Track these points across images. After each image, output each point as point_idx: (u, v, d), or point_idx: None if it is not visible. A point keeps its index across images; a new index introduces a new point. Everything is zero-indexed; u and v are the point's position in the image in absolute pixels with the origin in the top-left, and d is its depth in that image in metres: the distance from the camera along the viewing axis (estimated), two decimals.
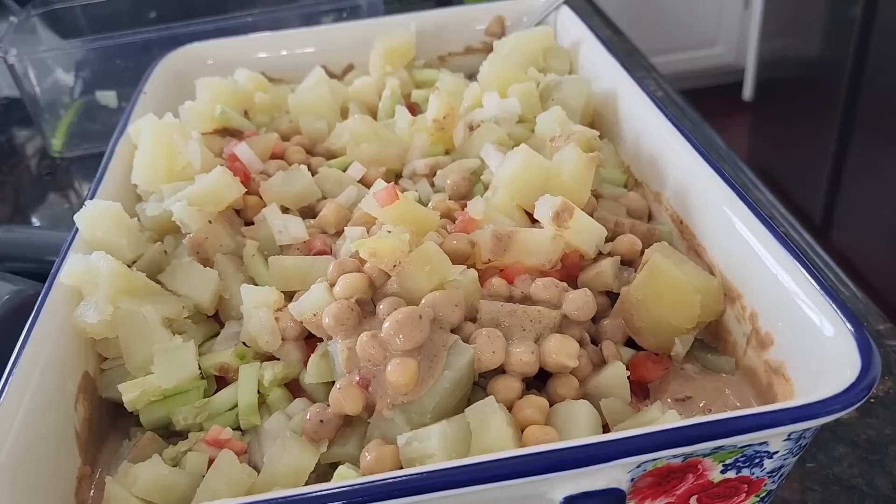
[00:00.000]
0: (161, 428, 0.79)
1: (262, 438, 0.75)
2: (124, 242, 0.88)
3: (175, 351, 0.78)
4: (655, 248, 0.83)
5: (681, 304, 0.78)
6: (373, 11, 1.62)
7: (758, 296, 0.75)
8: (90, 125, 1.66)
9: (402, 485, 0.55)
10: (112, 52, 1.59)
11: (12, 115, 1.87)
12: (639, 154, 1.02)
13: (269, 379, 0.79)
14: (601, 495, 0.58)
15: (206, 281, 0.85)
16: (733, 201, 0.80)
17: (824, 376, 0.62)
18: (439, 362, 0.71)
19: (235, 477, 0.69)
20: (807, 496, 0.82)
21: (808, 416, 0.56)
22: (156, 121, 0.99)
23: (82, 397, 0.77)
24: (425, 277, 0.76)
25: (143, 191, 1.00)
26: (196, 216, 0.89)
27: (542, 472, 0.55)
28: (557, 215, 0.80)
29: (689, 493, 0.63)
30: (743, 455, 0.60)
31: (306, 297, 0.78)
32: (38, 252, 1.16)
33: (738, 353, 0.79)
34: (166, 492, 0.69)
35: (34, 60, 1.55)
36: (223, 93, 1.13)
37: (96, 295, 0.80)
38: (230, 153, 1.00)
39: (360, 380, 0.72)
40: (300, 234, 0.89)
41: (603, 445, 0.56)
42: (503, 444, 0.64)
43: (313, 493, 0.55)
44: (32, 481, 0.66)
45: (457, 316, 0.73)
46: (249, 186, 0.96)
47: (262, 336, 0.80)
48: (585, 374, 0.76)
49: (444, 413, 0.70)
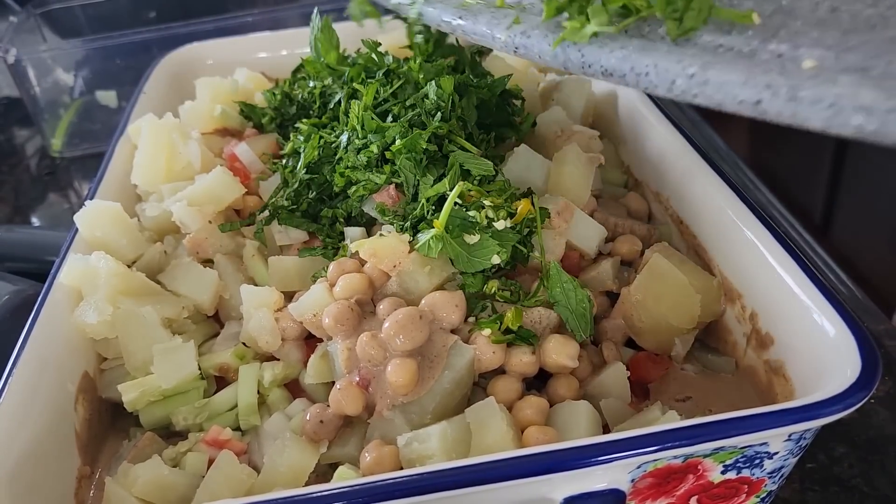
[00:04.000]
0: (161, 428, 0.79)
1: (262, 439, 0.76)
2: (124, 242, 0.88)
3: (175, 351, 0.78)
4: (655, 248, 0.83)
5: (681, 304, 0.78)
6: None
7: (758, 296, 0.75)
8: (90, 125, 1.66)
9: (402, 485, 0.55)
10: (112, 52, 1.59)
11: (12, 115, 1.87)
12: (639, 154, 1.02)
13: (269, 379, 0.79)
14: (601, 496, 0.58)
15: (205, 281, 0.85)
16: (733, 201, 0.80)
17: (824, 376, 0.62)
18: (439, 363, 0.71)
19: (235, 477, 0.69)
20: (807, 496, 0.82)
21: (809, 417, 0.56)
22: (156, 121, 0.99)
23: (82, 398, 0.77)
24: (425, 277, 0.76)
25: (143, 191, 1.00)
26: (196, 216, 0.89)
27: (543, 473, 0.55)
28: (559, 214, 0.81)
29: (690, 494, 0.63)
30: (743, 456, 0.60)
31: (306, 297, 0.78)
32: (38, 252, 1.16)
33: (738, 353, 0.79)
34: (166, 492, 0.69)
35: (34, 60, 1.55)
36: (223, 93, 1.13)
37: (96, 295, 0.80)
38: (230, 153, 1.00)
39: (360, 380, 0.72)
40: (300, 233, 0.89)
41: (603, 446, 0.56)
42: (503, 445, 0.64)
43: (313, 494, 0.55)
44: (32, 481, 0.66)
45: (457, 316, 0.73)
46: (249, 186, 0.96)
47: (262, 336, 0.80)
48: (585, 374, 0.76)
49: (444, 413, 0.70)
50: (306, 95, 1.03)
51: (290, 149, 0.94)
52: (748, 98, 0.52)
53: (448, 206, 0.75)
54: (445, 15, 0.78)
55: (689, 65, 0.56)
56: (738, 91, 0.52)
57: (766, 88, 0.51)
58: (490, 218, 0.76)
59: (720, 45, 0.58)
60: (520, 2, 0.75)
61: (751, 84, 0.52)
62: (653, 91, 0.59)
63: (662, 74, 0.57)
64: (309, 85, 1.04)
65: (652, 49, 0.59)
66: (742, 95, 0.52)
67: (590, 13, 0.63)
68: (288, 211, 0.89)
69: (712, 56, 0.56)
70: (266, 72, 1.27)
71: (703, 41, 0.59)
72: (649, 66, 0.58)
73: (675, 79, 0.56)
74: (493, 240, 0.75)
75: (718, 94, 0.54)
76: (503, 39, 0.70)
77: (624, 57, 0.60)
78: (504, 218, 0.76)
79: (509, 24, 0.71)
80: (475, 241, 0.75)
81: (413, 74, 0.90)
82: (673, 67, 0.56)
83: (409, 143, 0.80)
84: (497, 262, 0.75)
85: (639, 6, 0.62)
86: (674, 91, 0.57)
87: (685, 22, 0.60)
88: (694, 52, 0.57)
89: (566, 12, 0.66)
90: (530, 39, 0.68)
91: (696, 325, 0.79)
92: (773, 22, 0.59)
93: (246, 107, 1.10)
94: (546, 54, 0.66)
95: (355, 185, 0.84)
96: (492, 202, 0.77)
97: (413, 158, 0.80)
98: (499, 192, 0.79)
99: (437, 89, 0.85)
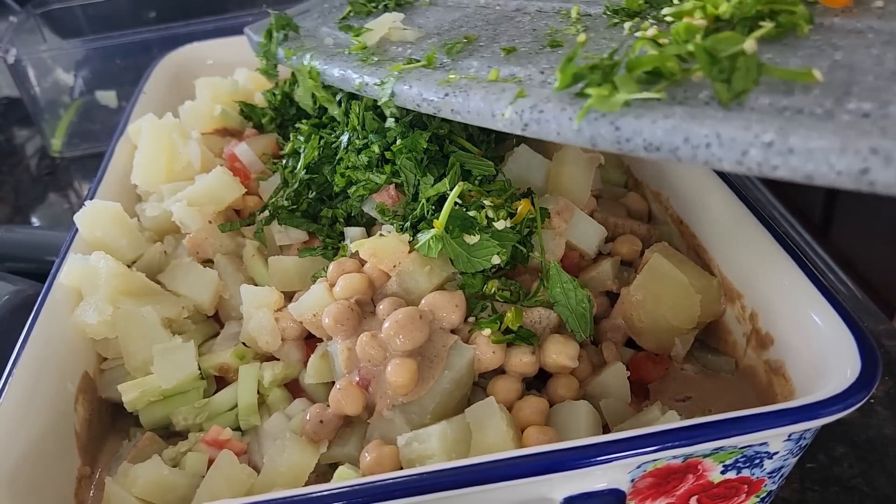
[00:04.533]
0: (161, 428, 0.79)
1: (262, 439, 0.76)
2: (124, 242, 0.88)
3: (175, 351, 0.78)
4: (655, 248, 0.83)
5: (681, 304, 0.78)
6: None
7: (758, 296, 0.75)
8: (90, 125, 1.66)
9: (402, 485, 0.55)
10: (112, 52, 1.59)
11: (12, 115, 1.87)
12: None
13: (269, 379, 0.79)
14: (601, 496, 0.58)
15: (205, 281, 0.85)
16: (733, 201, 0.80)
17: (824, 376, 0.62)
18: (439, 363, 0.71)
19: (235, 477, 0.69)
20: (807, 496, 0.82)
21: (809, 417, 0.56)
22: (156, 121, 0.99)
23: (82, 398, 0.77)
24: (425, 277, 0.76)
25: (143, 191, 1.00)
26: (196, 216, 0.89)
27: (543, 473, 0.55)
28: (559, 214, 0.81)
29: (690, 494, 0.63)
30: (743, 455, 0.60)
31: (306, 297, 0.78)
32: (38, 252, 1.16)
33: (738, 353, 0.79)
34: (166, 492, 0.69)
35: (34, 60, 1.55)
36: (223, 93, 1.13)
37: (96, 295, 0.80)
38: (230, 153, 1.00)
39: (360, 380, 0.72)
40: (300, 233, 0.89)
41: (603, 446, 0.56)
42: (503, 445, 0.64)
43: (313, 494, 0.55)
44: (32, 481, 0.66)
45: (457, 316, 0.73)
46: (249, 186, 0.96)
47: (262, 336, 0.80)
48: (585, 374, 0.76)
49: (444, 413, 0.70)
50: None
51: (290, 149, 0.94)
52: (849, 167, 0.44)
53: (448, 206, 0.75)
54: (427, 93, 0.68)
55: (761, 131, 0.48)
56: (835, 160, 0.44)
57: (872, 154, 0.43)
58: (490, 218, 0.76)
59: (784, 107, 0.50)
60: (514, 75, 0.65)
61: (850, 150, 0.44)
62: (716, 165, 0.50)
63: (729, 145, 0.48)
64: None
65: (703, 115, 0.50)
66: (840, 164, 0.44)
67: (617, 82, 0.54)
68: (288, 211, 0.89)
69: (784, 120, 0.48)
70: None
71: (760, 104, 0.51)
72: (710, 137, 0.49)
73: (748, 149, 0.48)
74: (493, 240, 0.75)
75: (808, 165, 0.46)
76: (508, 117, 0.60)
77: (673, 127, 0.51)
78: (504, 218, 0.76)
79: (512, 98, 0.60)
80: (475, 242, 0.75)
81: None
82: (741, 135, 0.48)
83: (410, 143, 0.80)
84: (497, 263, 0.75)
85: (672, 69, 0.54)
86: (746, 164, 0.48)
87: (734, 83, 0.52)
88: (758, 118, 0.49)
89: (585, 80, 0.56)
90: (544, 114, 0.58)
91: (696, 325, 0.79)
92: (838, 78, 0.52)
93: (246, 107, 1.10)
94: (567, 131, 0.56)
95: (355, 185, 0.84)
96: (492, 202, 0.77)
97: (414, 158, 0.80)
98: (499, 192, 0.79)
99: None
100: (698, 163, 0.51)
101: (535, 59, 0.68)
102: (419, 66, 0.74)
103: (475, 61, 0.71)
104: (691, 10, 0.63)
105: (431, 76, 0.70)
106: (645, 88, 0.54)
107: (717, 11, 0.61)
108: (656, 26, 0.67)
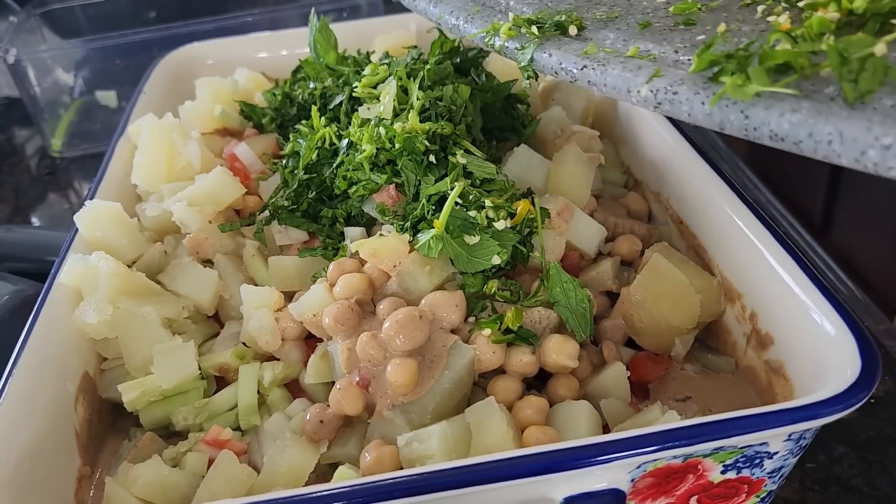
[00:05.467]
0: (161, 428, 0.79)
1: (262, 439, 0.76)
2: (124, 242, 0.88)
3: (175, 351, 0.78)
4: (655, 248, 0.83)
5: (681, 304, 0.78)
6: (373, 11, 1.63)
7: (758, 296, 0.75)
8: (90, 125, 1.66)
9: (402, 485, 0.55)
10: (112, 52, 1.59)
11: (12, 115, 1.87)
12: (639, 154, 1.02)
13: (269, 379, 0.79)
14: (601, 495, 0.58)
15: (206, 281, 0.85)
16: (733, 201, 0.80)
17: (824, 376, 0.62)
18: (439, 363, 0.71)
19: (235, 477, 0.69)
20: (807, 496, 0.82)
21: (809, 417, 0.56)
22: (156, 121, 0.99)
23: (82, 398, 0.77)
24: (425, 277, 0.76)
25: (143, 191, 1.00)
26: (196, 216, 0.89)
27: (543, 473, 0.55)
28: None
29: (690, 494, 0.63)
30: (743, 455, 0.60)
31: (306, 297, 0.78)
32: (38, 252, 1.16)
33: (738, 353, 0.79)
34: (166, 492, 0.69)
35: (34, 60, 1.55)
36: (223, 93, 1.13)
37: (96, 295, 0.80)
38: (230, 153, 1.00)
39: (360, 380, 0.72)
40: (300, 233, 0.89)
41: (603, 446, 0.56)
42: (503, 445, 0.64)
43: (313, 494, 0.55)
44: (32, 481, 0.66)
45: (457, 316, 0.73)
46: (249, 186, 0.96)
47: (262, 336, 0.80)
48: (585, 374, 0.76)
49: (444, 413, 0.70)
50: (307, 97, 1.03)
51: (290, 149, 0.94)
52: None
53: (448, 206, 0.75)
54: (566, 63, 0.70)
55: (882, 133, 0.49)
56: None
57: None
58: (490, 218, 0.76)
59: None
60: (649, 52, 0.67)
61: None
62: (834, 161, 0.52)
63: (850, 144, 0.50)
64: (309, 86, 1.04)
65: (828, 113, 0.52)
66: None
67: (750, 74, 0.56)
68: (288, 211, 0.89)
69: None
70: (266, 72, 1.27)
71: (883, 105, 0.51)
72: (832, 135, 0.51)
73: (866, 150, 0.49)
74: (494, 240, 0.75)
75: None
76: (643, 94, 0.62)
77: (800, 122, 0.53)
78: (504, 218, 0.76)
79: (648, 76, 0.62)
80: (475, 242, 0.75)
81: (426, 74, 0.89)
82: (862, 136, 0.50)
83: (408, 145, 0.80)
84: (497, 263, 0.75)
85: (803, 65, 0.56)
86: (863, 163, 0.50)
87: (860, 83, 0.53)
88: (880, 119, 0.50)
89: (720, 66, 0.59)
90: (678, 96, 0.60)
91: (696, 325, 0.80)
92: None
93: (246, 107, 1.10)
94: (699, 113, 0.59)
95: (356, 185, 0.84)
96: (492, 202, 0.77)
97: (414, 159, 0.80)
98: (499, 192, 0.79)
99: (454, 94, 0.85)
100: (818, 157, 0.53)
101: (670, 37, 0.68)
102: (557, 35, 0.73)
103: (611, 33, 0.71)
104: (826, 2, 0.63)
105: (570, 45, 0.72)
106: (776, 79, 0.56)
107: (851, 6, 0.61)
108: (788, 12, 0.67)
